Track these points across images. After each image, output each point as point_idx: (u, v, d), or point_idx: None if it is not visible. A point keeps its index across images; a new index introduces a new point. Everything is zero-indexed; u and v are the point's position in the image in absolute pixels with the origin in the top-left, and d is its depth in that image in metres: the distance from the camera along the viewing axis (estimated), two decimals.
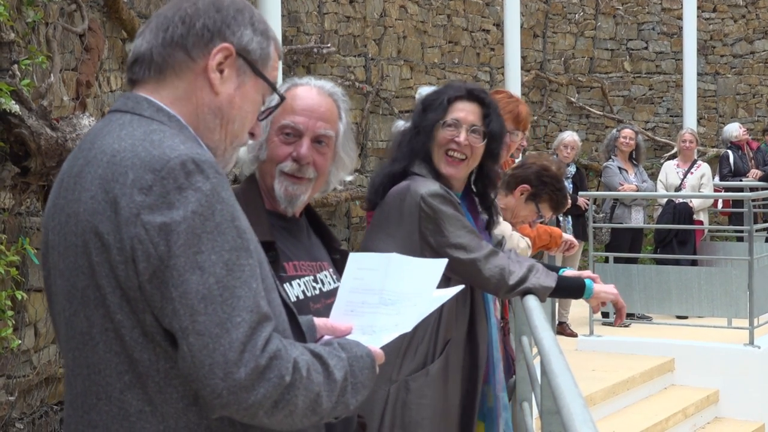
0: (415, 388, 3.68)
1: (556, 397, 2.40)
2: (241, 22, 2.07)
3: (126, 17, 7.18)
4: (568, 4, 16.39)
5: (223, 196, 1.86)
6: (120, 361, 1.89)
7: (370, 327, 2.22)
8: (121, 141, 1.92)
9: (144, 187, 1.83)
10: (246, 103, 2.09)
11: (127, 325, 1.87)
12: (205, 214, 1.83)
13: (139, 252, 1.82)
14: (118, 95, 7.22)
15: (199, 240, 1.82)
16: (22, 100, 5.27)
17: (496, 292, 3.78)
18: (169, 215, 1.81)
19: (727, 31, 16.55)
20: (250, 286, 1.85)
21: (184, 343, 1.81)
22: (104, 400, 1.91)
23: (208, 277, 1.81)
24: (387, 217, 3.80)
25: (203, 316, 1.80)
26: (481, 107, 3.86)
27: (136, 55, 2.06)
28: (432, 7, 14.01)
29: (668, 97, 16.57)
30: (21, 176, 5.44)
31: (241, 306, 1.82)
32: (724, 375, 9.30)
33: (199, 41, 2.03)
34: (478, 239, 3.74)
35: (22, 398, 5.87)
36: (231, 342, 1.79)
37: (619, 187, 10.76)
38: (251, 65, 2.08)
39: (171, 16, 2.05)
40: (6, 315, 5.18)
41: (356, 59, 12.56)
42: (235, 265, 1.84)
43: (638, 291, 9.87)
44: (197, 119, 2.04)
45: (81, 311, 1.91)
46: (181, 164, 1.85)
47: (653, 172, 13.99)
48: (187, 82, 2.03)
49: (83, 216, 1.89)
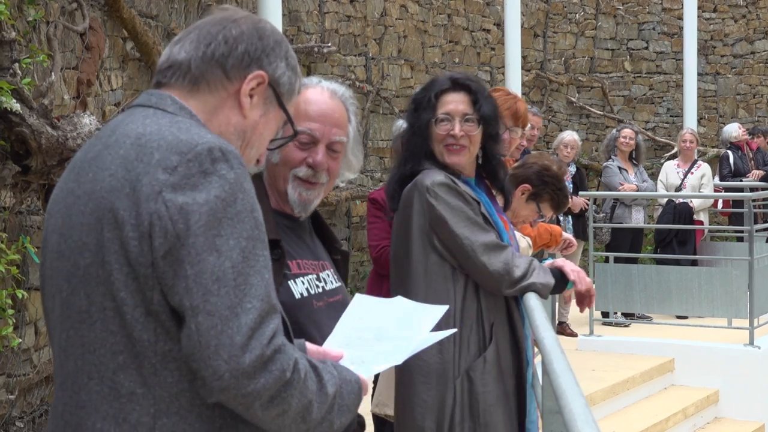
0: (477, 377, 3.72)
1: (558, 397, 2.40)
2: (278, 55, 2.13)
3: (127, 16, 7.17)
4: (568, 3, 16.39)
5: (245, 186, 1.90)
6: (116, 340, 1.89)
7: (360, 358, 2.23)
8: (146, 126, 1.95)
9: (169, 167, 1.86)
10: (266, 131, 2.15)
11: (130, 303, 1.87)
12: (228, 200, 1.86)
13: (157, 228, 1.84)
14: (118, 94, 7.22)
15: (219, 224, 1.84)
16: (23, 99, 5.27)
17: (499, 286, 3.75)
18: (191, 196, 1.84)
19: (728, 31, 16.55)
20: (263, 276, 1.87)
21: (192, 322, 1.82)
22: (96, 380, 1.91)
23: (224, 260, 1.83)
24: (403, 217, 3.84)
25: (215, 297, 1.81)
26: (469, 94, 3.87)
27: (172, 62, 2.09)
28: (432, 6, 14.00)
29: (668, 97, 16.56)
30: (22, 175, 5.44)
31: (253, 293, 1.84)
32: (724, 375, 9.30)
33: (239, 64, 2.07)
34: (483, 231, 3.75)
35: (23, 397, 5.87)
36: (240, 326, 1.81)
37: (619, 187, 10.76)
38: (278, 97, 2.14)
39: (215, 33, 2.09)
40: (6, 313, 5.19)
41: (357, 59, 12.56)
42: (251, 253, 1.86)
43: (638, 291, 9.86)
44: (220, 136, 2.04)
45: (81, 289, 1.92)
46: (209, 150, 1.88)
47: (653, 172, 13.99)
48: (218, 100, 2.07)
49: (99, 194, 1.90)
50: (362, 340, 2.27)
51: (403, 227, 3.84)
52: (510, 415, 3.80)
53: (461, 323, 3.73)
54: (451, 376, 3.72)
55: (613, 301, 10.05)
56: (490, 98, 3.94)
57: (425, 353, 3.71)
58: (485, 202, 3.87)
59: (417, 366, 3.72)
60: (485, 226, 3.78)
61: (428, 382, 3.73)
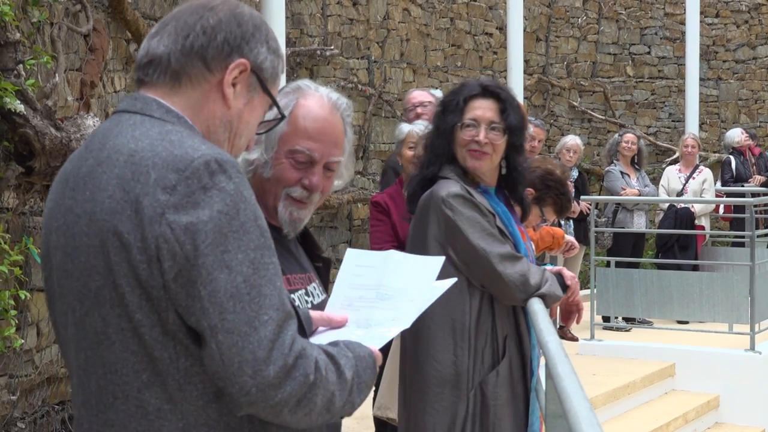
0: (489, 391, 3.74)
1: (562, 401, 2.40)
2: (258, 40, 2.09)
3: (130, 18, 7.18)
4: (571, 8, 16.40)
5: (245, 195, 1.88)
6: (138, 360, 1.89)
7: (366, 320, 2.23)
8: (138, 141, 1.92)
9: (168, 186, 1.84)
10: (252, 118, 2.12)
11: (146, 324, 1.87)
12: (231, 213, 1.85)
13: (164, 251, 1.83)
14: (122, 95, 7.23)
15: (226, 239, 1.83)
16: (27, 100, 5.27)
17: (515, 297, 3.76)
18: (195, 215, 1.83)
19: (730, 36, 16.55)
20: (274, 284, 1.87)
21: (212, 342, 1.82)
22: (121, 399, 1.90)
23: (235, 276, 1.83)
24: (419, 226, 3.85)
25: (232, 314, 1.81)
26: (498, 102, 3.86)
27: (151, 57, 2.05)
28: (435, 10, 14.01)
29: (670, 102, 16.57)
30: (25, 176, 5.44)
31: (267, 304, 1.84)
32: (724, 380, 9.28)
33: (219, 54, 2.04)
34: (499, 243, 3.76)
35: (24, 398, 5.87)
36: (260, 340, 1.82)
37: (621, 191, 10.76)
38: (261, 82, 2.11)
39: (192, 23, 2.05)
40: (9, 314, 5.19)
41: (359, 62, 12.57)
42: (260, 263, 1.86)
43: (639, 296, 9.86)
44: (208, 130, 2.04)
45: (95, 311, 1.90)
46: (205, 164, 1.86)
47: (655, 177, 13.99)
48: (201, 93, 2.04)
49: (100, 216, 1.88)
50: (363, 300, 2.26)
51: (419, 236, 3.85)
52: (518, 425, 3.82)
53: (476, 336, 3.74)
54: (464, 388, 3.73)
55: (614, 305, 10.04)
56: (519, 108, 3.92)
57: (440, 363, 3.73)
58: (502, 213, 3.87)
59: (430, 375, 3.73)
60: (500, 237, 3.79)
61: (442, 392, 3.74)
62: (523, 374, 3.85)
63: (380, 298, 2.28)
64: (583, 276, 12.73)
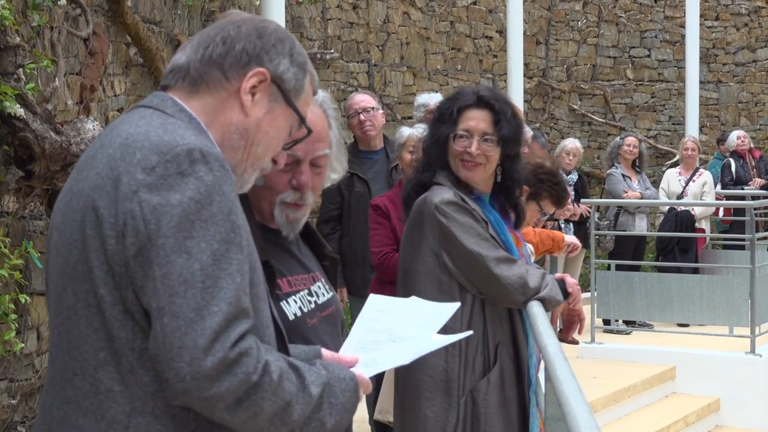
0: (481, 398, 3.73)
1: (561, 404, 2.40)
2: (280, 51, 2.11)
3: (130, 22, 7.19)
4: (570, 11, 16.41)
5: (224, 189, 1.88)
6: (98, 337, 1.90)
7: (373, 361, 2.22)
8: (137, 127, 1.95)
9: (147, 167, 1.86)
10: (273, 129, 2.11)
11: (108, 300, 1.88)
12: (202, 202, 1.85)
13: (129, 227, 1.84)
14: (122, 99, 7.23)
15: (192, 225, 1.83)
16: (27, 104, 5.27)
17: (513, 299, 3.74)
18: (166, 197, 1.84)
19: (730, 39, 16.57)
20: (234, 279, 1.85)
21: (158, 323, 1.81)
22: (80, 376, 1.92)
23: (193, 263, 1.82)
24: (412, 232, 3.83)
25: (181, 299, 1.80)
26: (492, 113, 3.81)
27: (173, 66, 2.10)
28: (435, 13, 14.03)
29: (670, 104, 16.58)
30: (25, 180, 5.44)
31: (221, 296, 1.82)
32: (725, 383, 9.28)
33: (237, 63, 2.06)
34: (494, 247, 3.73)
35: (25, 401, 5.87)
36: (204, 329, 1.80)
37: (623, 194, 10.76)
38: (284, 94, 2.11)
39: (213, 35, 2.09)
40: (9, 318, 5.19)
41: (359, 65, 12.58)
42: (223, 256, 1.85)
43: (640, 298, 9.85)
44: (222, 136, 2.05)
45: (69, 285, 1.93)
46: (188, 151, 1.88)
47: (655, 180, 13.99)
48: (219, 100, 2.06)
49: (86, 191, 1.92)
50: (377, 343, 2.26)
51: (413, 242, 3.83)
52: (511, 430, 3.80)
53: (466, 343, 3.73)
54: (455, 395, 3.71)
55: (614, 308, 10.04)
56: (514, 118, 3.86)
57: (431, 369, 3.72)
58: (495, 221, 3.84)
59: (422, 381, 3.72)
60: (495, 242, 3.77)
61: (433, 398, 3.72)
62: (518, 380, 3.83)
63: (392, 341, 2.28)
64: (584, 279, 12.73)
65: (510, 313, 3.82)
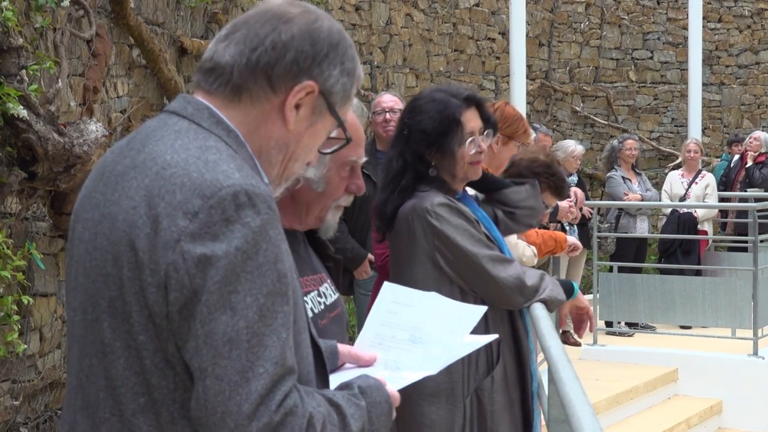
0: (485, 396, 3.71)
1: (565, 406, 2.40)
2: (332, 61, 1.97)
3: (133, 23, 7.18)
4: (573, 13, 16.41)
5: (270, 234, 1.76)
6: (138, 381, 1.80)
7: (395, 362, 2.16)
8: (175, 153, 1.82)
9: (190, 211, 1.74)
10: (312, 142, 2.01)
11: (149, 348, 1.78)
12: (249, 252, 1.73)
13: (173, 280, 1.73)
14: (125, 101, 7.23)
15: (237, 279, 1.72)
16: (30, 105, 5.28)
17: (512, 300, 3.73)
18: (210, 247, 1.72)
19: (733, 41, 16.56)
20: (279, 336, 1.74)
21: (200, 385, 1.72)
22: (117, 417, 1.82)
23: (239, 320, 1.71)
24: (401, 243, 3.78)
25: (226, 360, 1.70)
26: (477, 108, 3.82)
27: (215, 64, 1.95)
28: (438, 15, 14.03)
29: (673, 106, 16.58)
30: (28, 181, 5.45)
31: (266, 356, 1.72)
32: (727, 385, 9.28)
33: (286, 75, 1.92)
34: (489, 248, 3.72)
35: (27, 403, 5.87)
36: (249, 393, 1.70)
37: (623, 197, 10.76)
38: (330, 106, 1.98)
39: (263, 36, 1.93)
40: (12, 320, 5.19)
41: (362, 66, 12.58)
42: (269, 311, 1.74)
43: (642, 301, 9.86)
44: (260, 149, 1.94)
45: (105, 320, 1.82)
46: (233, 195, 1.74)
47: (658, 182, 13.99)
48: (260, 111, 1.93)
49: (121, 225, 1.80)
50: (395, 341, 2.20)
51: (405, 251, 3.76)
52: (516, 427, 3.80)
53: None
54: (460, 396, 3.69)
55: (616, 310, 10.04)
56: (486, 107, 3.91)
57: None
58: (483, 218, 3.84)
59: (424, 385, 3.68)
60: (489, 243, 3.76)
61: (437, 402, 3.70)
62: (521, 379, 3.83)
63: (413, 342, 2.21)
64: (586, 281, 12.72)
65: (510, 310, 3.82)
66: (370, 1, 12.72)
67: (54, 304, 6.02)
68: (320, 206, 2.63)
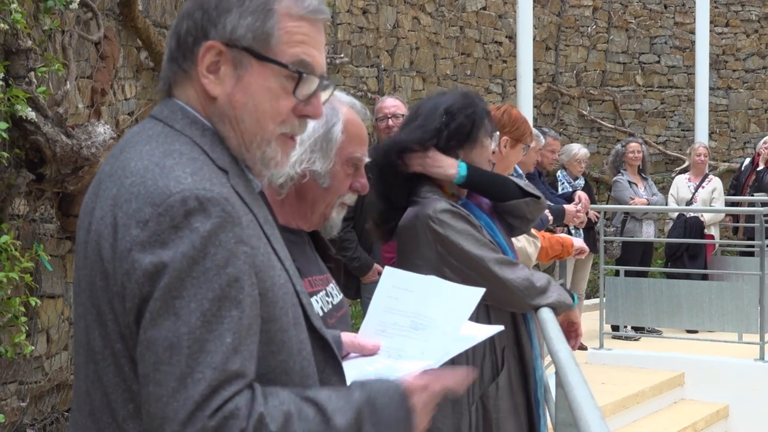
0: (491, 403, 3.70)
1: (573, 410, 2.40)
2: (224, 9, 1.87)
3: (141, 26, 7.20)
4: (580, 17, 16.40)
5: (221, 238, 1.73)
6: (125, 388, 1.81)
7: (398, 351, 2.16)
8: (140, 160, 1.81)
9: (141, 220, 1.73)
10: (250, 97, 1.89)
11: (125, 355, 1.79)
12: (196, 257, 1.70)
13: (127, 290, 1.73)
14: (132, 103, 7.25)
15: (182, 284, 1.69)
16: (38, 107, 5.29)
17: (522, 303, 3.70)
18: (159, 255, 1.70)
19: (740, 45, 16.54)
20: (223, 341, 1.70)
21: (144, 390, 1.71)
22: (114, 424, 1.83)
23: (180, 326, 1.68)
24: (406, 250, 3.76)
25: (166, 366, 1.68)
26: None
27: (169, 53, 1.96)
28: (445, 18, 14.03)
29: (680, 111, 16.56)
30: (36, 183, 5.46)
31: (206, 362, 1.68)
32: (734, 390, 9.28)
33: (186, 50, 1.89)
34: (495, 252, 3.70)
35: (34, 404, 5.88)
36: (186, 399, 1.67)
37: (630, 201, 10.76)
38: (250, 52, 1.87)
39: (171, 31, 1.94)
40: (19, 321, 5.20)
41: (369, 70, 12.58)
42: (214, 316, 1.70)
43: (649, 304, 9.86)
44: (216, 128, 1.91)
45: (96, 329, 1.83)
46: (182, 201, 1.73)
47: (664, 186, 13.98)
48: (191, 91, 1.91)
49: (94, 235, 1.82)
50: (397, 327, 2.19)
51: (410, 259, 3.71)
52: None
53: (474, 349, 3.69)
54: (465, 404, 3.68)
55: (623, 314, 10.04)
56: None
57: None
58: (486, 224, 3.81)
59: None
60: (494, 246, 3.74)
61: (443, 410, 3.66)
62: (524, 384, 3.82)
63: (414, 328, 2.21)
64: (592, 285, 12.72)
65: (513, 314, 3.80)
66: (378, 5, 12.73)
67: (61, 306, 6.02)
68: (325, 203, 2.64)
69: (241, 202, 1.83)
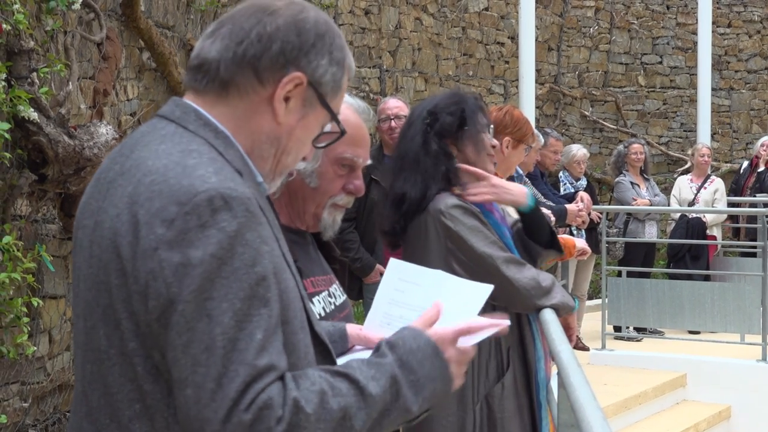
0: (495, 403, 3.70)
1: (576, 411, 2.39)
2: (320, 51, 1.95)
3: (143, 26, 7.21)
4: (582, 17, 16.40)
5: (248, 238, 1.75)
6: (133, 388, 1.81)
7: None
8: (157, 159, 1.82)
9: (167, 219, 1.74)
10: (305, 135, 1.98)
11: (140, 354, 1.79)
12: (224, 257, 1.72)
13: (151, 288, 1.73)
14: (134, 104, 7.25)
15: (213, 285, 1.71)
16: (41, 108, 5.29)
17: (528, 302, 3.70)
18: (187, 254, 1.72)
19: (742, 46, 16.53)
20: (254, 338, 1.72)
21: (181, 394, 1.72)
22: (115, 424, 1.84)
23: (214, 327, 1.70)
24: (414, 244, 3.75)
25: (203, 368, 1.70)
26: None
27: (202, 60, 1.94)
28: (447, 19, 14.03)
29: (682, 111, 16.55)
30: (38, 183, 5.46)
31: (239, 359, 1.71)
32: (736, 391, 9.27)
33: (273, 66, 1.90)
34: (503, 250, 3.70)
35: (36, 405, 5.88)
36: (223, 398, 1.69)
37: (632, 202, 10.75)
38: (320, 97, 1.96)
39: (248, 29, 1.91)
40: (21, 322, 5.20)
41: (371, 71, 12.59)
42: (245, 315, 1.72)
43: (651, 305, 9.85)
44: (252, 144, 1.93)
45: (101, 328, 1.84)
46: (209, 200, 1.74)
47: (666, 187, 13.97)
48: (249, 105, 1.92)
49: (107, 232, 1.81)
50: (404, 320, 2.17)
51: (418, 253, 3.71)
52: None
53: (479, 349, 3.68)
54: (470, 402, 3.68)
55: (625, 315, 10.03)
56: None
57: None
58: (493, 224, 3.82)
59: None
60: (502, 245, 3.74)
61: (448, 407, 3.68)
62: (527, 385, 3.82)
63: None
64: (594, 286, 12.71)
65: (518, 315, 3.80)
66: (380, 5, 12.73)
67: (63, 307, 6.03)
68: (315, 203, 2.63)
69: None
